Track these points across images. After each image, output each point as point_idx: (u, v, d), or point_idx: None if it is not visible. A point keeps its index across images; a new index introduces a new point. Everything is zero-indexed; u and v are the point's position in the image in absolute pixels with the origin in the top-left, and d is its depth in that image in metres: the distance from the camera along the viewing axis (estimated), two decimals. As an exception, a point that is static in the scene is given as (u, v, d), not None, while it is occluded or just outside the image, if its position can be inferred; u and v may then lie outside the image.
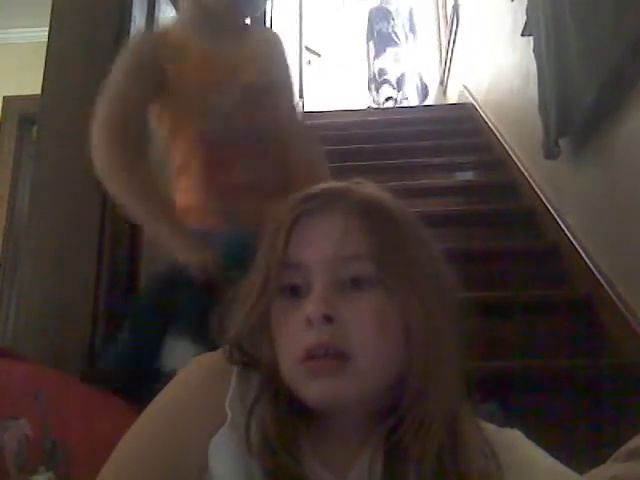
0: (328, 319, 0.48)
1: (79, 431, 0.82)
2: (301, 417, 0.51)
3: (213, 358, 0.55)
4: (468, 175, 2.97)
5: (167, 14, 1.63)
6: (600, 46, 1.52)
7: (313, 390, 0.48)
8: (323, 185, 0.54)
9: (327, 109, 4.26)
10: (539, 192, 2.30)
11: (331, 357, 0.47)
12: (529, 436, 0.52)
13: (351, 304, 0.49)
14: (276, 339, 0.51)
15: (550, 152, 1.93)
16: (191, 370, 0.55)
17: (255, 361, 0.53)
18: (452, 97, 4.59)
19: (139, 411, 0.52)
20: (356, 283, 0.50)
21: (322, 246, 0.50)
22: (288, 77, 1.32)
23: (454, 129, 3.63)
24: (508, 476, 0.48)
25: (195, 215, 1.13)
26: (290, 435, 0.49)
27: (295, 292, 0.51)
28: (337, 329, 0.48)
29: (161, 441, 0.50)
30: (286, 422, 0.49)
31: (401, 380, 0.50)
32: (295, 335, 0.49)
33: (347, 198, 0.52)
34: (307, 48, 5.10)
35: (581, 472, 0.50)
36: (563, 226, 2.01)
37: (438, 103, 5.28)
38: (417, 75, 5.39)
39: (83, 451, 0.79)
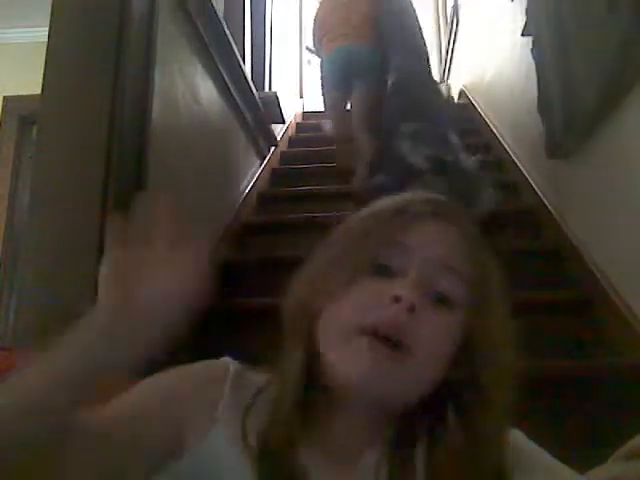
0: (413, 309, 0.47)
1: None
2: (302, 418, 0.50)
3: (216, 363, 0.56)
4: (468, 175, 2.97)
5: (167, 14, 1.63)
6: (600, 46, 1.52)
7: (358, 364, 0.47)
8: (448, 200, 0.56)
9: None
10: (539, 192, 2.29)
11: (391, 344, 0.47)
12: (529, 436, 0.52)
13: (431, 311, 0.49)
14: (341, 302, 0.50)
15: (553, 151, 1.93)
16: (194, 366, 0.56)
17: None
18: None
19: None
20: (441, 298, 0.50)
21: (437, 244, 0.51)
22: None
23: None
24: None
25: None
26: (286, 436, 0.49)
27: (383, 271, 0.50)
28: (412, 322, 0.47)
29: (163, 394, 0.52)
30: (284, 423, 0.49)
31: (432, 395, 0.50)
32: (368, 304, 0.48)
33: (465, 223, 0.54)
34: (307, 48, 5.10)
35: (581, 472, 0.50)
36: (563, 226, 2.01)
37: (438, 103, 5.26)
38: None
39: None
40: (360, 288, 0.50)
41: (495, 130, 3.14)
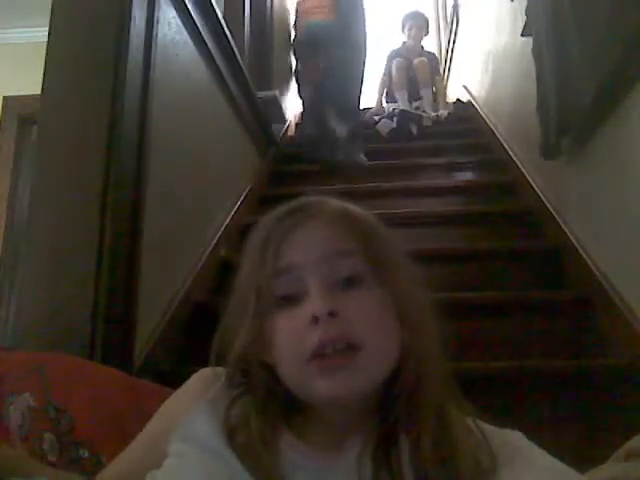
0: (333, 314, 0.49)
1: (80, 397, 0.85)
2: (285, 413, 0.52)
3: (209, 372, 0.58)
4: (468, 175, 2.97)
5: (167, 14, 1.64)
6: (600, 46, 1.52)
7: (324, 388, 0.48)
8: (303, 200, 0.57)
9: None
10: (539, 192, 2.29)
11: (341, 352, 0.48)
12: (528, 436, 0.53)
13: (349, 299, 0.50)
14: (275, 347, 0.51)
15: (548, 152, 1.93)
16: (188, 384, 0.59)
17: (253, 379, 0.54)
18: (452, 97, 4.59)
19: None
20: (349, 282, 0.51)
21: (312, 246, 0.52)
22: None
23: (454, 129, 3.63)
24: (508, 474, 0.48)
25: None
26: (269, 426, 0.50)
27: (288, 301, 0.51)
28: (342, 323, 0.49)
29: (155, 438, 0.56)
30: (268, 415, 0.51)
31: (394, 374, 0.52)
32: (298, 337, 0.49)
33: (327, 209, 0.55)
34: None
35: (581, 472, 0.50)
36: (563, 226, 2.01)
37: (438, 103, 5.26)
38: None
39: (84, 415, 0.83)
40: (279, 326, 0.51)
41: (495, 130, 3.14)
